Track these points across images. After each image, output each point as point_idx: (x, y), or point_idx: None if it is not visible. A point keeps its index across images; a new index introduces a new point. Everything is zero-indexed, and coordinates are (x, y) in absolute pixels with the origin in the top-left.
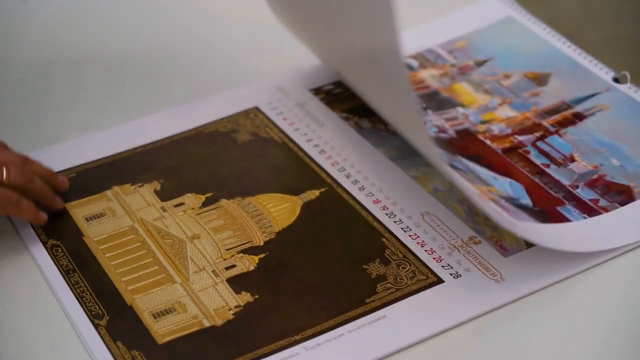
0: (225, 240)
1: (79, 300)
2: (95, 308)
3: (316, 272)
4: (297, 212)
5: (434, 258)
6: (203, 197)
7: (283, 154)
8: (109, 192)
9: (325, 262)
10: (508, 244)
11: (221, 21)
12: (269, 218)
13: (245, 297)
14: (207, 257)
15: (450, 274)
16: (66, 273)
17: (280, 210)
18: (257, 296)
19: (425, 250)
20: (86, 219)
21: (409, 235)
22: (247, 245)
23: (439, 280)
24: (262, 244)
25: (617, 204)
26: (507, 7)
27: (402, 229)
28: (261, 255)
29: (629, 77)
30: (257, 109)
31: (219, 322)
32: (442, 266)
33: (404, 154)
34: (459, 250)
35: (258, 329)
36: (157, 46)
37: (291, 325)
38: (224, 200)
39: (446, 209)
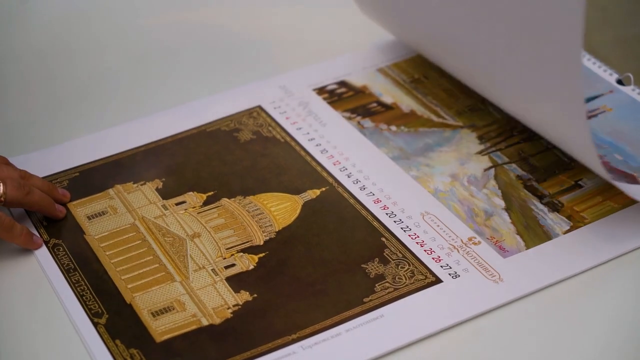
0: (225, 239)
1: (79, 299)
2: (95, 307)
3: (315, 271)
4: (298, 211)
5: (433, 258)
6: (204, 196)
7: (285, 153)
8: (111, 191)
9: (325, 261)
10: (507, 245)
11: (225, 20)
12: (269, 217)
13: (244, 296)
14: (207, 256)
15: (449, 274)
16: (67, 272)
17: (280, 209)
18: (255, 295)
19: (425, 250)
20: (88, 217)
21: (409, 235)
22: (247, 245)
23: (438, 280)
24: (262, 243)
25: (625, 182)
26: None
27: (401, 228)
28: (261, 255)
29: (632, 79)
30: (260, 107)
31: (217, 320)
32: (441, 266)
33: (405, 154)
34: (458, 251)
35: (256, 328)
36: (161, 45)
37: (289, 324)
38: (225, 199)
39: (446, 209)
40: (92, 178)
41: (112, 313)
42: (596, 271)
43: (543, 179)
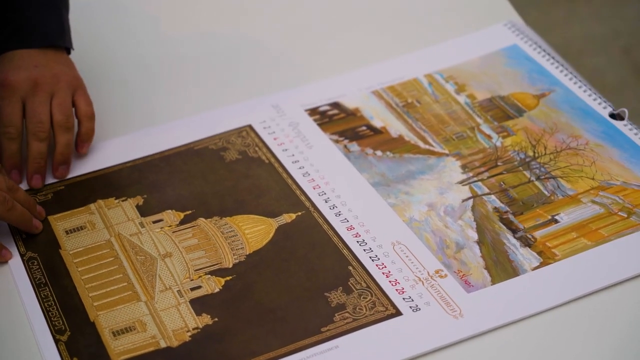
0: (195, 260)
1: (44, 315)
2: (59, 323)
3: (279, 297)
4: (271, 235)
5: (396, 289)
6: (182, 215)
7: (267, 174)
8: (92, 206)
9: (289, 287)
10: (473, 279)
11: (223, 38)
12: (242, 240)
13: (205, 320)
14: (175, 277)
15: (410, 307)
16: (37, 286)
17: (254, 232)
18: (216, 319)
19: (390, 281)
20: (66, 231)
21: (376, 265)
22: (216, 267)
23: (398, 313)
24: (230, 266)
25: None
26: (515, 36)
27: (370, 257)
28: (228, 278)
29: (627, 114)
30: (250, 127)
31: (175, 343)
32: (404, 298)
33: (386, 180)
34: (423, 283)
35: (211, 353)
36: (157, 62)
37: (244, 351)
38: (202, 219)
39: (418, 240)
40: (76, 192)
41: (75, 330)
42: (560, 310)
43: (520, 212)
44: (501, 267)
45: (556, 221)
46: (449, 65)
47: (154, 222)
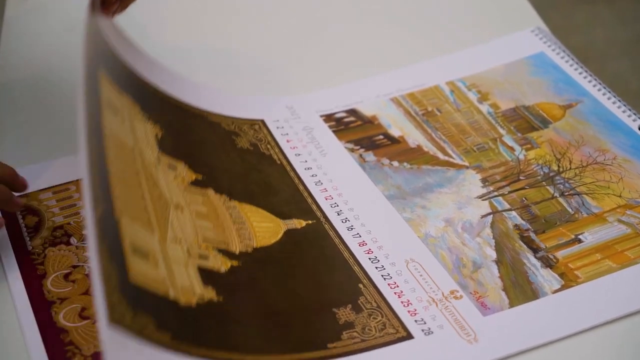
0: (204, 230)
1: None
2: None
3: (284, 302)
4: (279, 235)
5: (408, 311)
6: (194, 176)
7: (279, 175)
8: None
9: (296, 295)
10: (490, 302)
11: (239, 38)
12: (249, 230)
13: (211, 293)
14: (185, 233)
15: (422, 330)
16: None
17: (262, 227)
18: (221, 299)
19: (402, 302)
20: None
21: (388, 284)
22: (222, 246)
23: (409, 336)
24: (237, 252)
25: None
26: (542, 43)
27: (382, 276)
28: (234, 263)
29: None
30: (262, 122)
31: (182, 300)
32: (416, 320)
33: (402, 193)
34: (436, 304)
35: (215, 332)
36: (178, 45)
37: (247, 343)
38: (212, 190)
39: (433, 257)
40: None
41: None
42: (581, 337)
43: (542, 231)
44: (520, 289)
45: (580, 241)
46: (472, 73)
47: (169, 166)
